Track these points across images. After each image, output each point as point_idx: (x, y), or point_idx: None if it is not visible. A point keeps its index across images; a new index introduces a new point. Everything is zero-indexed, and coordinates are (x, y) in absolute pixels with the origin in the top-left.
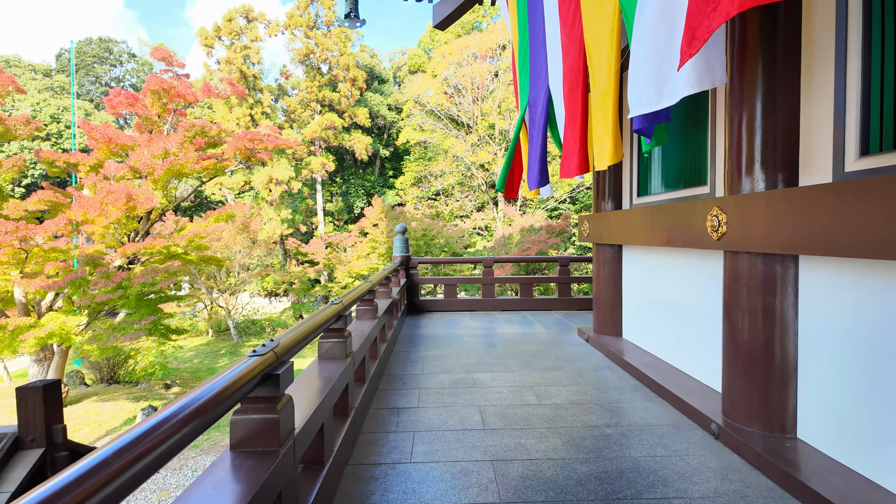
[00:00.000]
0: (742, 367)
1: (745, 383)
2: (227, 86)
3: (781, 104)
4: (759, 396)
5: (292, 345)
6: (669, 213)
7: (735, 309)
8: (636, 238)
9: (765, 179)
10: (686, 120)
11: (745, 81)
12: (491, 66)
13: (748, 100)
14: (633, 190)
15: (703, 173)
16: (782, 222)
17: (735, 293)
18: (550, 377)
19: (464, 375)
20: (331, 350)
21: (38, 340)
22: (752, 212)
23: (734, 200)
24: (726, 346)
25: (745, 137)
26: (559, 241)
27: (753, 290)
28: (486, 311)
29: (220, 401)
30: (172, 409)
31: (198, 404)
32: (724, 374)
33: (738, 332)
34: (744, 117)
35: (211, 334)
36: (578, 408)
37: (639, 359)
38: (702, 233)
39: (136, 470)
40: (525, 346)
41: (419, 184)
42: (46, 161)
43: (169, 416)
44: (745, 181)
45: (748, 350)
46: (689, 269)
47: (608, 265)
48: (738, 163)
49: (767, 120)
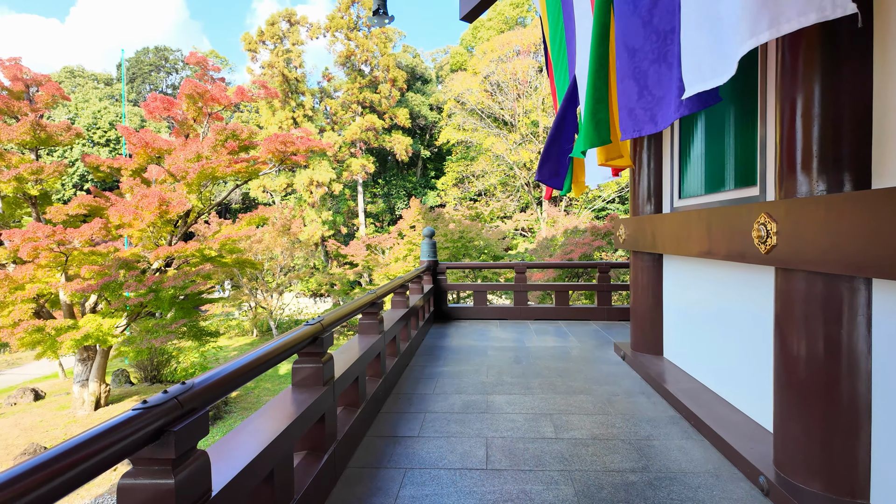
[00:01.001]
0: (798, 408)
1: (801, 429)
2: (260, 89)
3: (848, 86)
4: (820, 447)
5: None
6: (710, 219)
7: (788, 337)
8: (674, 246)
9: (826, 180)
10: (733, 107)
11: (799, 58)
12: (534, 61)
13: (805, 81)
14: (673, 191)
15: (751, 172)
16: (849, 234)
17: (788, 318)
18: (575, 403)
19: (477, 398)
20: (306, 378)
21: (74, 342)
22: (809, 220)
23: (786, 206)
24: (779, 381)
25: (801, 128)
26: (605, 244)
27: (812, 317)
28: (517, 319)
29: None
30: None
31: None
32: (777, 413)
33: (793, 364)
34: (798, 103)
35: (255, 334)
36: (601, 445)
37: (679, 384)
38: (746, 244)
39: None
40: (552, 364)
41: (460, 184)
42: (92, 166)
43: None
44: (801, 182)
45: (806, 388)
46: (738, 283)
47: (647, 274)
48: (791, 159)
49: (829, 106)
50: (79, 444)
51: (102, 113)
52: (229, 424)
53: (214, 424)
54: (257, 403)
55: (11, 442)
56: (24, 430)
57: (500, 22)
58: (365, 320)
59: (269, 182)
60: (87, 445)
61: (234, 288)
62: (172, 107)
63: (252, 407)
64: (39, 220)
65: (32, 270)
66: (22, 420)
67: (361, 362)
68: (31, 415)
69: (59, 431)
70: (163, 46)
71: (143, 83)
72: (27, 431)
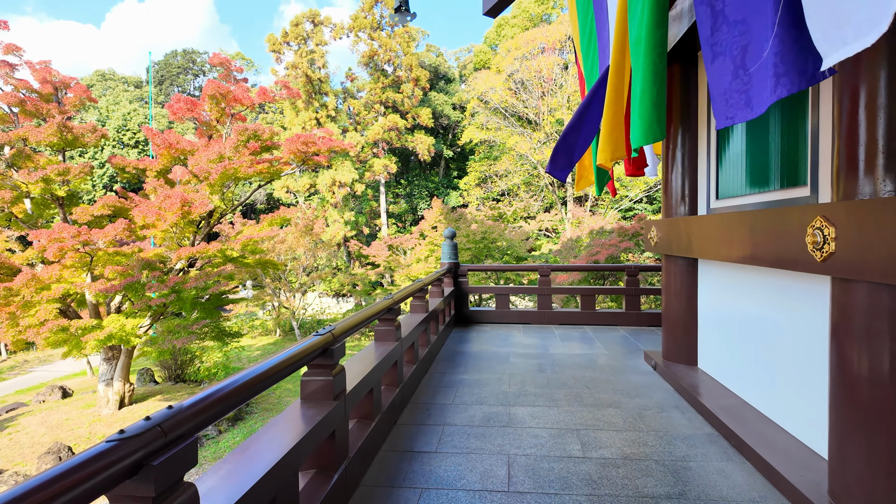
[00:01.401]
0: (859, 434)
1: (863, 458)
2: (283, 89)
3: None
4: (885, 479)
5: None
6: (754, 222)
7: (848, 354)
8: (712, 251)
9: (895, 179)
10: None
11: None
12: (559, 58)
13: (870, 66)
14: (710, 190)
15: (801, 170)
16: None
17: (848, 333)
18: (603, 417)
19: (499, 409)
20: (315, 391)
21: (98, 342)
22: (875, 225)
23: (847, 209)
24: (836, 402)
25: (865, 120)
26: (632, 245)
27: (877, 333)
28: (541, 324)
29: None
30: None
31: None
32: (833, 438)
33: (854, 385)
34: (862, 91)
35: (279, 334)
36: (632, 466)
37: (716, 399)
38: (799, 250)
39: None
40: (579, 373)
41: (483, 184)
42: (118, 167)
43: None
44: (863, 182)
45: (869, 412)
46: (785, 291)
47: (680, 279)
48: (852, 156)
49: None
50: (45, 481)
51: (132, 115)
52: (250, 426)
53: (235, 426)
54: (279, 405)
55: (38, 440)
56: (50, 429)
57: (524, 19)
58: (381, 326)
59: (292, 183)
60: (55, 482)
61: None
62: (196, 108)
63: (274, 408)
64: (66, 220)
65: (58, 270)
66: (49, 418)
67: (377, 372)
68: (58, 413)
69: (83, 430)
70: (190, 49)
71: (171, 85)
72: (53, 430)
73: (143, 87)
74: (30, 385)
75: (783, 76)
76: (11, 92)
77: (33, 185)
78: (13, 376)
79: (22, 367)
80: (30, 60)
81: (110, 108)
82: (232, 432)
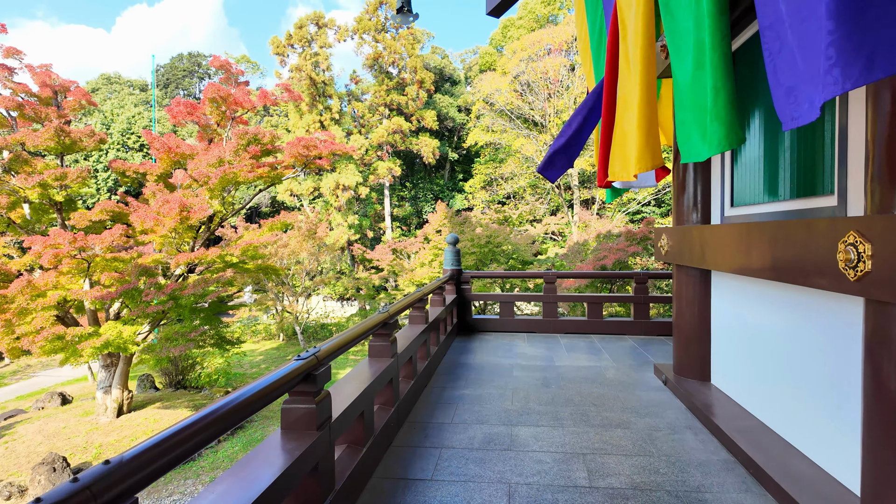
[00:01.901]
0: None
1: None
2: (284, 92)
3: None
4: None
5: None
6: (775, 234)
7: (885, 382)
8: (728, 262)
9: None
10: None
11: None
12: (566, 59)
13: None
14: (724, 198)
15: (825, 177)
16: None
17: (886, 361)
18: (611, 439)
19: (501, 429)
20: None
21: (94, 350)
22: None
23: (885, 223)
24: (871, 435)
25: None
26: (640, 250)
27: None
28: (546, 332)
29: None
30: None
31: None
32: (867, 473)
33: (892, 417)
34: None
35: (282, 338)
36: (643, 497)
37: (732, 420)
38: (828, 267)
39: (216, 429)
40: (585, 388)
41: (488, 187)
42: (118, 171)
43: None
44: None
45: None
46: (809, 306)
47: (692, 290)
48: (893, 161)
49: None
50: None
51: (137, 118)
52: (250, 434)
53: (235, 434)
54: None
55: (34, 449)
56: (47, 437)
57: (530, 20)
58: (376, 342)
59: (296, 186)
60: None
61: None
62: (196, 111)
63: (275, 416)
64: (64, 225)
65: (55, 277)
66: (46, 426)
67: (369, 393)
68: (56, 420)
69: (80, 439)
70: (196, 52)
71: (176, 88)
72: (50, 438)
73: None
74: (31, 391)
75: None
76: (10, 96)
77: (30, 190)
78: (15, 381)
79: (24, 371)
80: (30, 64)
81: (115, 111)
82: (231, 441)
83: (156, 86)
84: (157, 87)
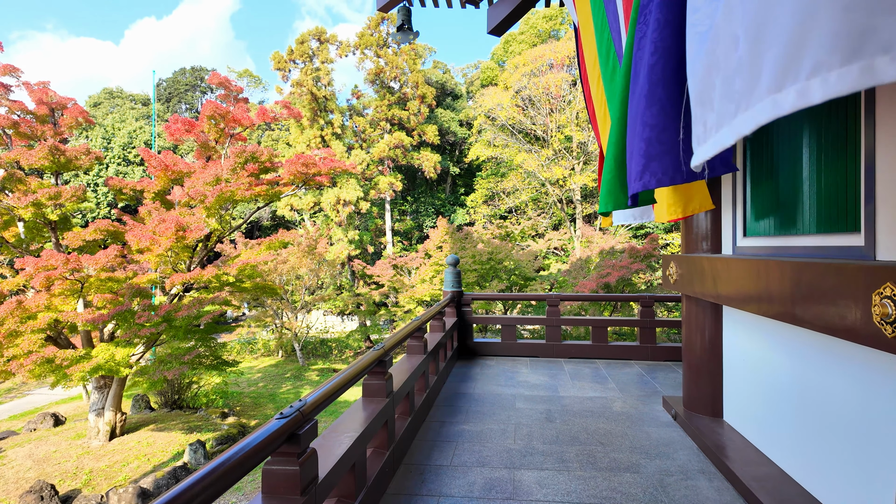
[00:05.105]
0: None
1: None
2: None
3: None
4: None
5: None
6: (797, 275)
7: None
8: (742, 300)
9: None
10: (811, 119)
11: None
12: (568, 74)
13: None
14: (736, 226)
15: (848, 210)
16: None
17: None
18: (620, 486)
19: (503, 473)
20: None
21: (83, 374)
22: None
23: None
24: None
25: None
26: (644, 267)
27: None
28: (549, 357)
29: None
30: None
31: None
32: None
33: None
34: None
35: (281, 354)
36: None
37: (749, 466)
38: (860, 319)
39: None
40: (591, 423)
41: (490, 201)
42: (115, 188)
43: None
44: None
45: None
46: (838, 355)
47: (702, 320)
48: None
49: None
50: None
51: (138, 132)
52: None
53: None
54: None
55: (23, 475)
56: (37, 462)
57: (532, 35)
58: (370, 380)
59: (296, 201)
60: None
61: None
62: (194, 128)
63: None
64: (58, 244)
65: (47, 298)
66: (37, 450)
67: (362, 441)
68: (48, 443)
69: (70, 464)
70: (199, 66)
71: (179, 102)
72: (40, 463)
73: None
74: (24, 410)
75: None
76: (5, 114)
77: (24, 209)
78: (9, 399)
79: (19, 388)
80: (27, 81)
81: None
82: None
83: (158, 100)
84: (159, 100)
